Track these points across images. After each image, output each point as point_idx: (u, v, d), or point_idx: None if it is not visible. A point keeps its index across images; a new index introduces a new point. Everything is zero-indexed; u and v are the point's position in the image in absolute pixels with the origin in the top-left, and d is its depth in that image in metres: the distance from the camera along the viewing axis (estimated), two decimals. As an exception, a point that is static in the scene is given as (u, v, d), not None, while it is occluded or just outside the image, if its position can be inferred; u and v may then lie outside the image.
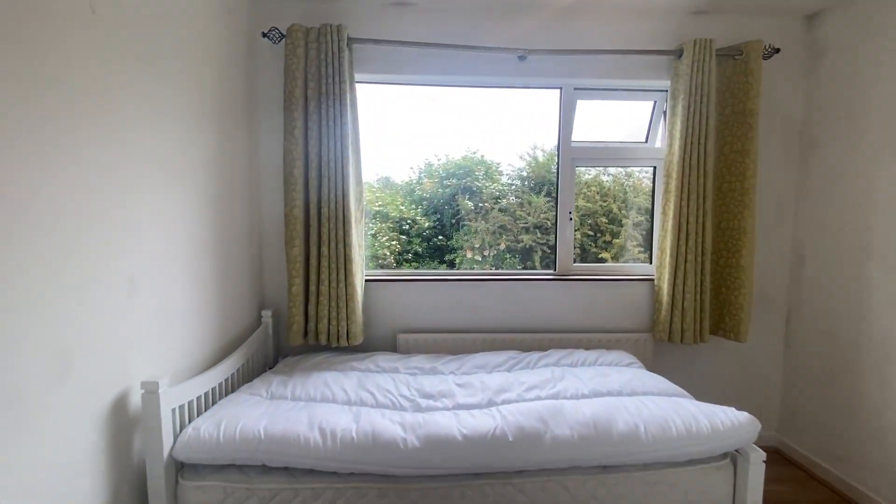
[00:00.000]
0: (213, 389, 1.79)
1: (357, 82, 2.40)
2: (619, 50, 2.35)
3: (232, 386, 1.96)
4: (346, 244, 2.22)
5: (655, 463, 1.56)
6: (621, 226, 2.61)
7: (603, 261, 2.71)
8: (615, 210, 2.63)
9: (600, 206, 2.62)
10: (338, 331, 2.27)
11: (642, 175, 2.71)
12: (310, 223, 2.25)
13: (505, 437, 1.52)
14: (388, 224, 2.62)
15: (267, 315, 2.36)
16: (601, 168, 2.76)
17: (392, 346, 2.49)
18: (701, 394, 2.29)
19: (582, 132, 2.61)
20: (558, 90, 2.56)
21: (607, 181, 2.66)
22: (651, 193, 2.72)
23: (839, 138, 2.29)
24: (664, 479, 1.55)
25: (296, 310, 2.26)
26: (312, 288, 2.27)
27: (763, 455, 1.53)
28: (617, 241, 2.66)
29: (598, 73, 2.45)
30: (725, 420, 1.57)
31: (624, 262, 2.77)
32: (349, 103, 2.23)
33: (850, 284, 2.23)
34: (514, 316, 2.54)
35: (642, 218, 2.63)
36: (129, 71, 1.42)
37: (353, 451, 1.49)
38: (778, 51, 2.36)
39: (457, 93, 2.62)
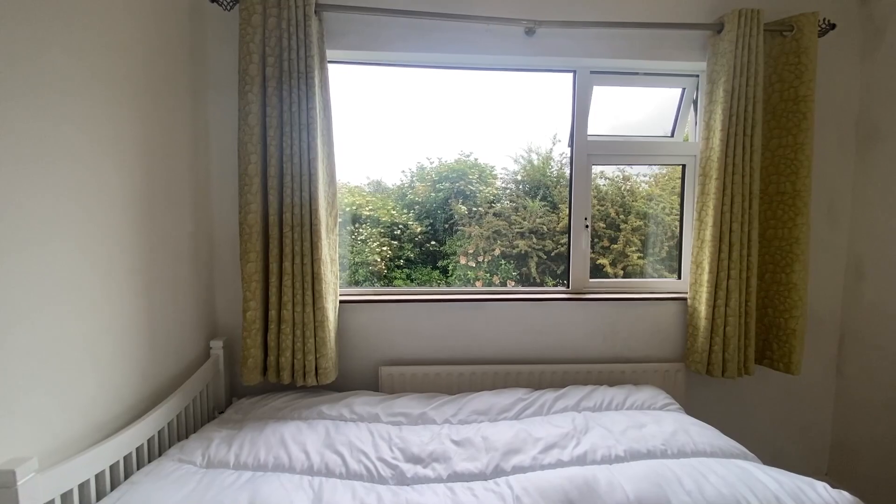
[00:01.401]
0: (130, 456, 1.34)
1: (331, 62, 1.98)
2: (645, 23, 1.95)
3: (162, 444, 1.50)
4: (315, 259, 1.78)
5: (728, 566, 1.13)
6: (619, 231, 2.40)
7: (601, 267, 2.35)
8: (613, 214, 2.41)
9: (598, 210, 2.39)
10: (304, 366, 1.83)
11: (640, 178, 2.47)
12: (269, 233, 1.81)
13: (521, 534, 1.09)
14: (379, 229, 2.40)
15: (217, 346, 1.91)
16: (598, 171, 2.43)
17: (373, 383, 2.05)
18: (741, 435, 1.89)
19: (595, 126, 2.21)
20: (571, 73, 2.15)
21: (604, 185, 2.45)
22: (679, 197, 2.32)
23: (909, 130, 1.91)
24: (739, 586, 1.13)
25: (251, 340, 1.81)
26: (272, 313, 1.82)
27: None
28: (616, 246, 2.42)
29: (619, 53, 2.05)
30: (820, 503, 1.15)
31: (646, 279, 2.36)
32: (319, 85, 1.81)
33: (928, 306, 1.84)
34: (521, 344, 2.11)
35: (641, 222, 2.40)
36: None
37: (307, 559, 1.05)
38: (834, 26, 1.98)
39: (452, 78, 2.22)
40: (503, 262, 2.40)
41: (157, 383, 1.59)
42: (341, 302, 2.01)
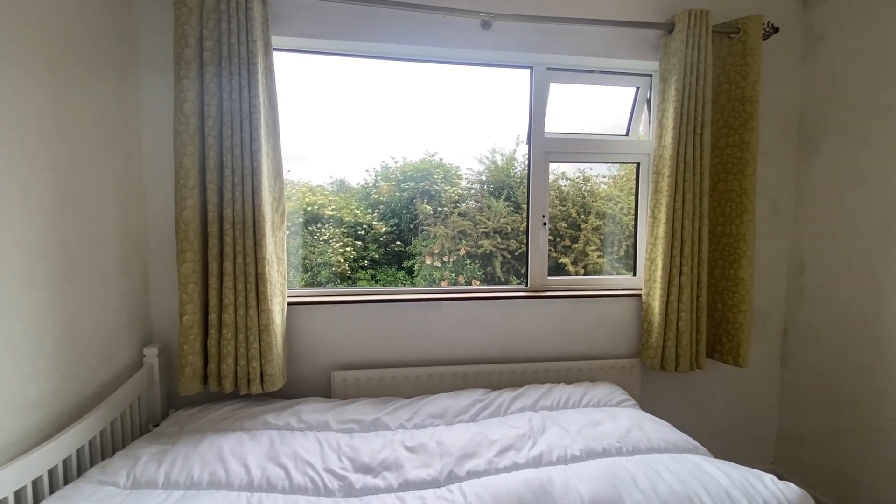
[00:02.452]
0: (40, 480, 1.19)
1: (278, 49, 1.88)
2: (600, 20, 1.95)
3: (83, 465, 1.36)
4: (259, 258, 1.67)
5: (680, 563, 1.13)
6: (580, 230, 2.44)
7: (563, 266, 2.37)
8: (574, 214, 2.45)
9: (559, 210, 2.44)
10: (248, 373, 1.71)
11: (599, 180, 2.52)
12: (208, 230, 1.68)
13: (473, 543, 1.04)
14: (343, 229, 2.34)
15: (152, 354, 1.76)
16: (559, 173, 2.47)
17: (325, 389, 1.95)
18: (693, 427, 1.94)
19: (553, 124, 2.20)
20: (528, 70, 2.13)
21: (565, 185, 2.49)
22: (634, 194, 2.35)
23: (844, 131, 2.01)
24: (692, 583, 1.12)
25: (189, 346, 1.67)
26: (212, 317, 1.69)
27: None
28: (576, 245, 2.45)
29: (575, 50, 2.04)
30: (769, 497, 1.16)
31: (603, 276, 2.38)
32: (263, 72, 1.69)
33: (860, 297, 1.94)
34: (479, 343, 2.07)
35: (600, 222, 2.45)
36: None
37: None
38: (777, 30, 2.04)
39: (416, 75, 2.16)
40: (468, 261, 2.39)
41: (78, 396, 1.43)
42: (290, 304, 1.90)
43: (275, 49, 1.79)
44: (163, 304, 1.85)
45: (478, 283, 2.36)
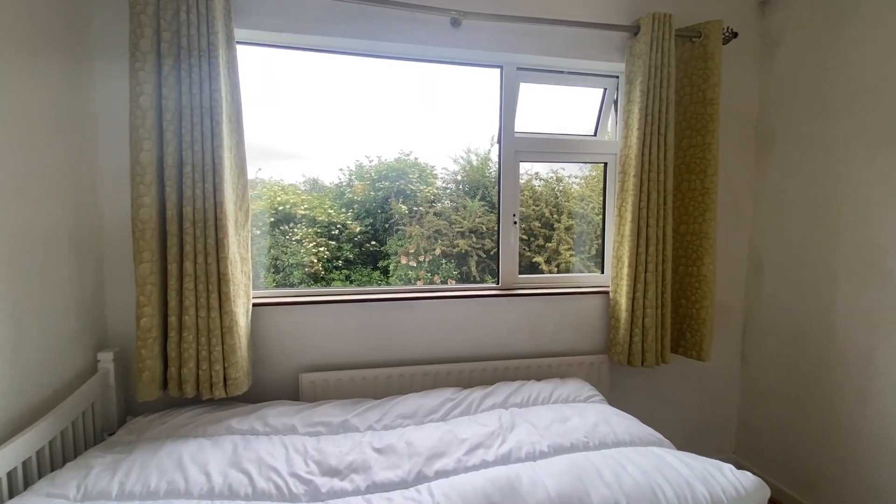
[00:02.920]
0: (-23, 497, 1.11)
1: (243, 43, 1.83)
2: (568, 21, 1.98)
3: (30, 477, 1.28)
4: (221, 258, 1.61)
5: (643, 555, 1.15)
6: (553, 230, 2.49)
7: (537, 265, 2.41)
8: (547, 214, 2.49)
9: (533, 210, 2.47)
10: (211, 377, 1.65)
11: (572, 181, 2.57)
12: (167, 230, 1.61)
13: (440, 543, 1.03)
14: (316, 229, 2.28)
15: (107, 359, 1.68)
16: (533, 173, 2.50)
17: (293, 392, 1.91)
18: (659, 420, 2.00)
19: (525, 125, 2.22)
20: (498, 69, 2.14)
21: (539, 186, 2.53)
22: (602, 193, 2.39)
23: (800, 134, 2.10)
24: (654, 573, 1.15)
25: (147, 350, 1.60)
26: (172, 319, 1.63)
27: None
28: (550, 245, 2.49)
29: (543, 50, 2.06)
30: (727, 486, 1.20)
31: (573, 273, 2.42)
32: (225, 65, 1.64)
33: (816, 294, 2.03)
34: (451, 342, 2.06)
35: (573, 222, 2.50)
36: None
37: None
38: (736, 35, 2.12)
39: (390, 74, 2.14)
40: (444, 261, 2.39)
41: (25, 405, 1.35)
42: (255, 305, 1.85)
43: (239, 42, 1.74)
44: (119, 306, 1.77)
45: (453, 282, 2.36)
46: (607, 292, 2.21)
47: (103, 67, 1.70)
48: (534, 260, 2.46)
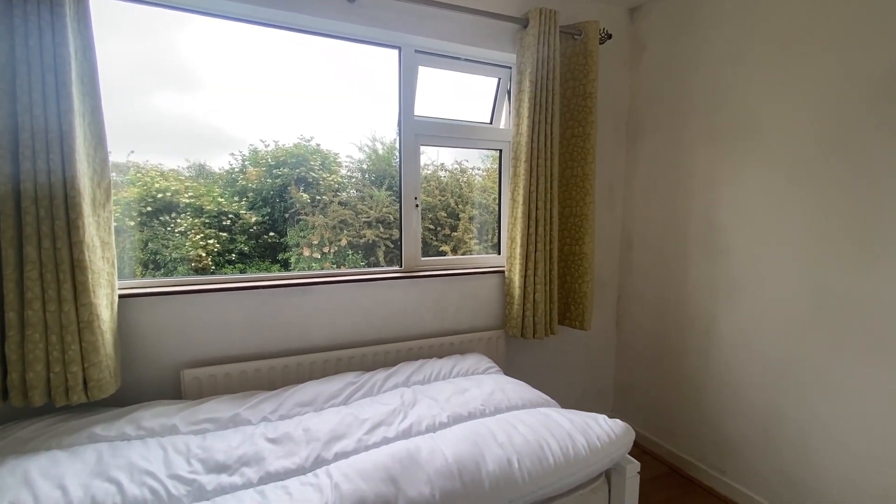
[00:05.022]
0: None
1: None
2: (462, 7, 2.02)
3: None
4: (75, 242, 1.39)
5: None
6: (458, 219, 2.55)
7: (443, 254, 2.46)
8: (453, 204, 2.55)
9: (439, 200, 2.50)
10: (66, 381, 1.42)
11: (475, 172, 2.65)
12: (2, 210, 1.35)
13: (337, 523, 1.02)
14: (203, 219, 2.04)
15: (-84, 369, 1.36)
16: (439, 164, 2.52)
17: (174, 391, 1.73)
18: (551, 385, 2.19)
19: (428, 110, 2.24)
20: (397, 50, 2.12)
21: (444, 176, 2.57)
22: (497, 179, 2.52)
23: (661, 128, 2.40)
24: (542, 519, 1.26)
25: (-25, 355, 1.33)
26: (10, 315, 1.37)
27: (638, 466, 1.37)
28: (455, 234, 2.57)
29: (441, 35, 2.09)
30: (601, 434, 1.36)
31: (473, 255, 2.52)
32: (73, 17, 1.40)
33: (672, 268, 2.36)
34: (353, 327, 2.03)
35: (476, 212, 2.59)
36: None
37: None
38: (610, 36, 2.35)
39: (280, 44, 1.99)
40: (350, 252, 2.30)
41: None
42: (122, 297, 1.63)
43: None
44: (-68, 304, 1.43)
45: (359, 272, 2.30)
46: (503, 271, 2.34)
47: None
48: (441, 249, 2.50)
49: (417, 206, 2.22)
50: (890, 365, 1.54)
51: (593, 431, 1.36)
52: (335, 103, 2.22)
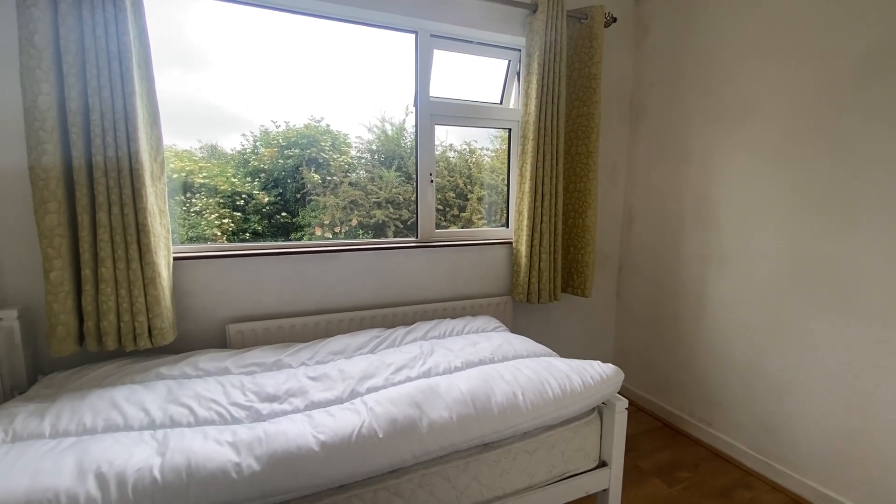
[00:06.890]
0: None
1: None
2: (476, -6, 2.17)
3: (-63, 433, 1.24)
4: (139, 208, 1.60)
5: (534, 430, 1.48)
6: (467, 199, 2.66)
7: None
8: (461, 185, 2.66)
9: (448, 180, 2.60)
10: (134, 328, 1.66)
11: (483, 152, 2.75)
12: (75, 179, 1.56)
13: (374, 435, 1.25)
14: (218, 199, 2.12)
15: (10, 317, 1.59)
16: (447, 145, 2.64)
17: (220, 342, 1.97)
18: (554, 347, 2.40)
19: (442, 91, 2.40)
20: (413, 35, 2.28)
21: (453, 157, 2.66)
22: (507, 157, 2.68)
23: (661, 109, 2.55)
24: (542, 444, 1.48)
25: (60, 305, 1.56)
26: (86, 272, 1.59)
27: (626, 403, 1.58)
28: (464, 214, 2.70)
29: (455, 20, 2.24)
30: (595, 374, 1.57)
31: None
32: (131, 8, 1.58)
33: (669, 240, 2.54)
34: (374, 290, 2.25)
35: (484, 192, 2.70)
36: None
37: (157, 498, 1.03)
38: (615, 20, 2.48)
39: (295, 27, 2.11)
40: (361, 231, 2.38)
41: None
42: (176, 259, 1.85)
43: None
44: (17, 262, 1.67)
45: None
46: (511, 243, 2.54)
47: (-22, -1, 1.53)
48: (450, 229, 2.65)
49: (432, 181, 2.40)
50: (856, 321, 1.72)
51: (587, 373, 1.58)
52: (346, 84, 2.28)
